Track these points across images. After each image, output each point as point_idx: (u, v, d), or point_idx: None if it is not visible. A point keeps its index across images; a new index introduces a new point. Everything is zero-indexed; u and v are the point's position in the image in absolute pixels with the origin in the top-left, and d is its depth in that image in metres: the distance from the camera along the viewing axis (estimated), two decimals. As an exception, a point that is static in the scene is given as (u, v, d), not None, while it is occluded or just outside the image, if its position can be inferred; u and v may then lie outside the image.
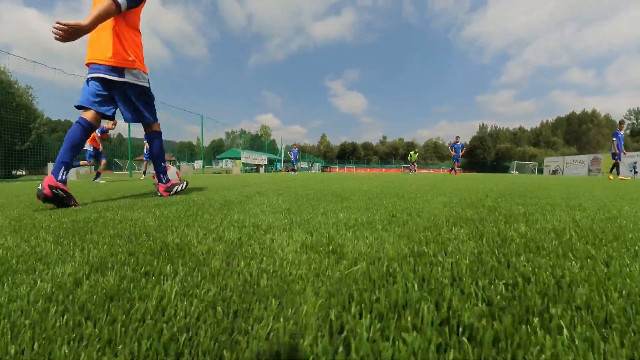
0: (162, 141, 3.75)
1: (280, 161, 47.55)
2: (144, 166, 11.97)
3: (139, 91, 3.25)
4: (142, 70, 3.27)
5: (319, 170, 74.89)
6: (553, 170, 49.47)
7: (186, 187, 4.30)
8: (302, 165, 65.04)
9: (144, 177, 10.34)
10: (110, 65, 2.91)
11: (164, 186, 3.81)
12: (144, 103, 3.39)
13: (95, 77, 2.92)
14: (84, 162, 8.63)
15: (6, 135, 15.42)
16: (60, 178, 2.72)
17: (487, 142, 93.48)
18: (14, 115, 16.10)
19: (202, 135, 25.78)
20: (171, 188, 3.84)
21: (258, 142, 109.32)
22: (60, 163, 2.79)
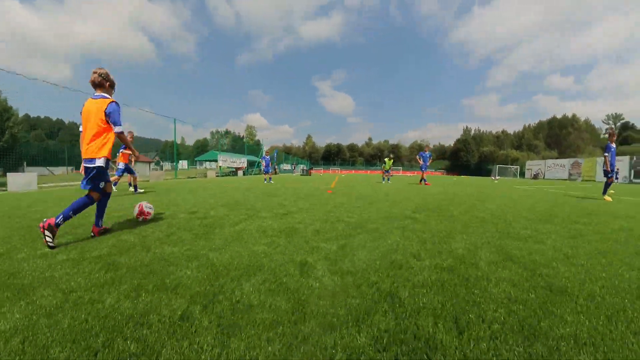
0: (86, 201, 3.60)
1: (260, 160, 46.19)
2: (131, 179, 10.19)
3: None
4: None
5: (302, 172, 73.28)
6: (534, 174, 49.69)
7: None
8: (286, 167, 63.71)
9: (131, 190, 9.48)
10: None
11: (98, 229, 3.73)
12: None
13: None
14: (115, 178, 8.89)
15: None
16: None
17: (471, 145, 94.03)
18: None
19: (175, 137, 24.28)
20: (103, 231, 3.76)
21: (240, 144, 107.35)
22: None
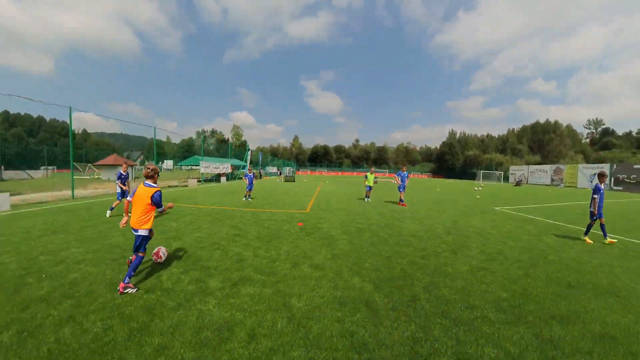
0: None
1: (245, 166, 45.27)
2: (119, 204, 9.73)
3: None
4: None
5: (288, 174, 72.31)
6: (517, 181, 50.43)
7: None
8: (272, 169, 63.10)
9: (110, 214, 9.52)
10: None
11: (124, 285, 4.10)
12: None
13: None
14: (116, 203, 9.76)
15: None
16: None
17: (456, 149, 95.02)
18: None
19: (155, 151, 23.47)
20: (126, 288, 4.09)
21: (224, 147, 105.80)
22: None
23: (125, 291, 4.00)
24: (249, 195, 14.47)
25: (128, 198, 5.04)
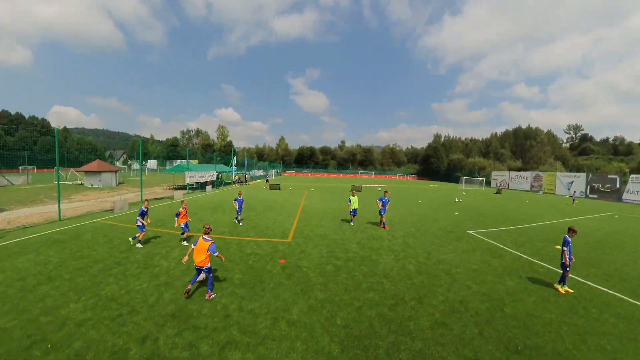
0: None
1: (232, 170, 45.43)
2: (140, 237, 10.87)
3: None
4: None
5: (275, 175, 72.86)
6: (498, 188, 52.28)
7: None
8: (258, 172, 63.33)
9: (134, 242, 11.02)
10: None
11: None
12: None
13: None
14: (138, 234, 10.65)
15: None
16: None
17: (441, 152, 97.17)
18: None
19: (142, 176, 23.59)
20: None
21: (210, 150, 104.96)
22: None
23: (210, 298, 6.65)
24: (240, 220, 14.92)
25: (192, 246, 6.95)
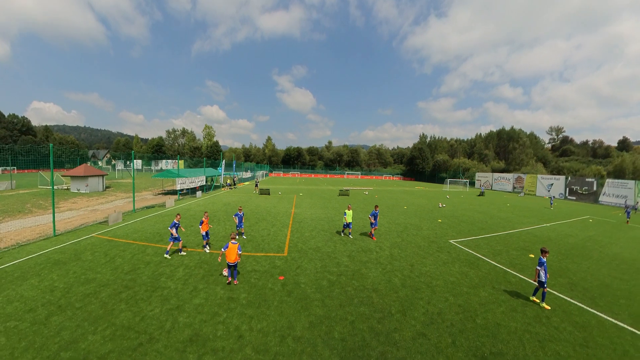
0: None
1: (220, 174, 45.83)
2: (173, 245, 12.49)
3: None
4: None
5: (264, 176, 73.41)
6: (481, 190, 54.24)
7: None
8: (246, 174, 63.81)
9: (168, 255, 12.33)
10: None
11: None
12: None
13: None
14: (170, 245, 12.11)
15: None
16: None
17: (426, 153, 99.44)
18: None
19: (134, 185, 23.94)
20: None
21: (198, 153, 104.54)
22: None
23: (236, 283, 9.55)
24: (242, 233, 15.61)
25: (223, 249, 9.50)
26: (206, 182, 38.40)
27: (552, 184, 55.62)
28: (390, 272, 11.07)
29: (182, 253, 12.38)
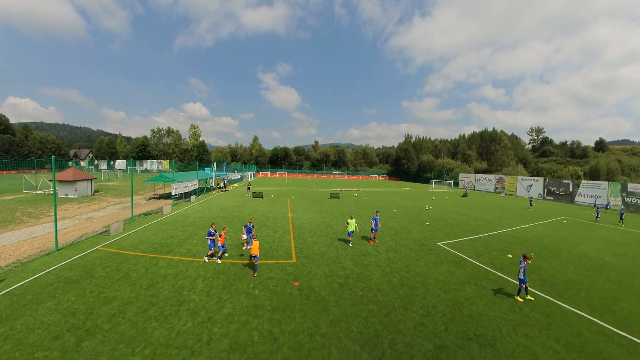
0: None
1: (212, 177, 46.81)
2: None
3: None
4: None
5: (251, 176, 74.73)
6: (465, 191, 57.12)
7: None
8: (235, 175, 64.62)
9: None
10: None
11: None
12: None
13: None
14: (211, 251, 14.02)
15: None
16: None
17: (411, 154, 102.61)
18: None
19: (132, 194, 24.66)
20: None
21: (188, 155, 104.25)
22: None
23: (255, 275, 12.13)
24: (248, 243, 16.54)
25: (248, 246, 13.22)
26: (198, 185, 39.34)
27: (532, 185, 59.21)
28: (389, 274, 12.94)
29: (218, 260, 13.75)
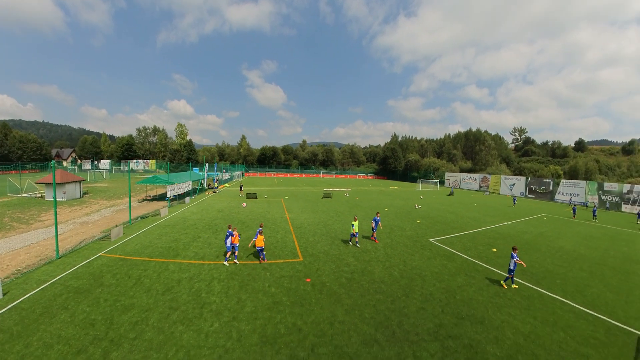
0: None
1: (204, 177, 47.67)
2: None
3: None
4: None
5: (240, 176, 75.49)
6: (451, 190, 59.62)
7: None
8: (225, 175, 65.29)
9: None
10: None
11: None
12: None
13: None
14: (229, 253, 14.36)
15: None
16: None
17: (398, 153, 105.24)
18: None
19: (130, 201, 25.25)
20: None
21: (178, 157, 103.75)
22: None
23: (265, 261, 14.53)
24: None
25: (254, 239, 14.58)
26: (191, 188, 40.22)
27: (514, 184, 62.37)
28: (389, 268, 14.61)
29: (235, 261, 14.38)
